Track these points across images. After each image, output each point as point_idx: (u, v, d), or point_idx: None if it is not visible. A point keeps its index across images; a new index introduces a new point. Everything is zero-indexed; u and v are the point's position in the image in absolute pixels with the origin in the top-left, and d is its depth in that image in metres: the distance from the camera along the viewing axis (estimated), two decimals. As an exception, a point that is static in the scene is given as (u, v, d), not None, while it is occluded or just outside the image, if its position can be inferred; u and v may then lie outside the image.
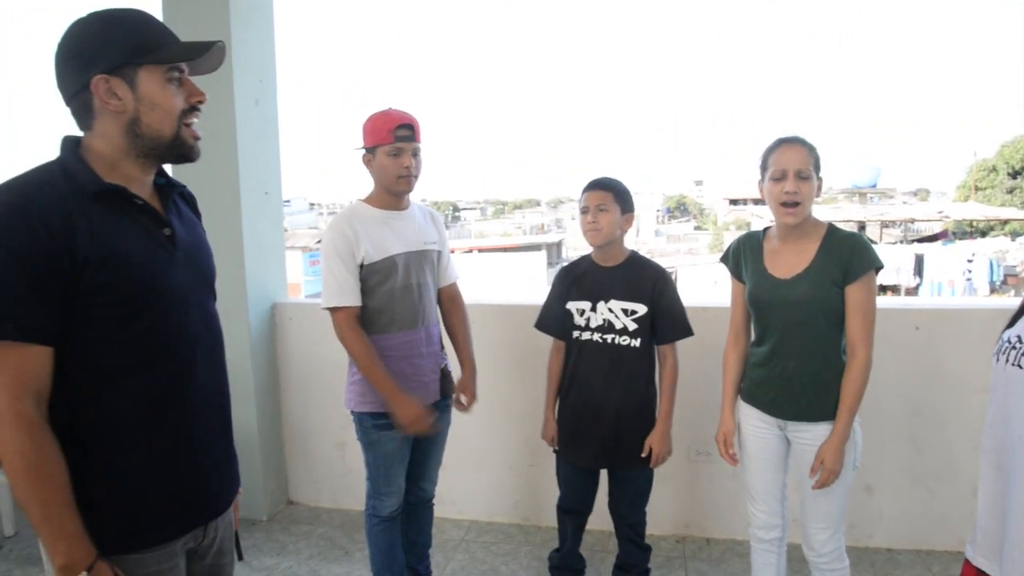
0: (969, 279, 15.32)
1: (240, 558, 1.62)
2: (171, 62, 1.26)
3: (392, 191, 2.32)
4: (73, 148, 1.26)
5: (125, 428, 1.26)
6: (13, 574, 2.98)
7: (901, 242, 20.94)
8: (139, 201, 1.28)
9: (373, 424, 2.34)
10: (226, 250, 3.12)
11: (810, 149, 2.03)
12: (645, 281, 2.40)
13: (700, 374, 3.05)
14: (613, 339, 2.39)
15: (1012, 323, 1.45)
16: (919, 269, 15.80)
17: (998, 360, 1.41)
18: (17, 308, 1.14)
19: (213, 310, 1.44)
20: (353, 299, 2.25)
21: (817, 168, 2.03)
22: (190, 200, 1.51)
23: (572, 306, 2.45)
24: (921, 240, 20.78)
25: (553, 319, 2.52)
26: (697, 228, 52.22)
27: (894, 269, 15.69)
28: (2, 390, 1.13)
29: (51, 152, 1.28)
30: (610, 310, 2.40)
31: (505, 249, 28.00)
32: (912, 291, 15.69)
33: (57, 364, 1.19)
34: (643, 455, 2.39)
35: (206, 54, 1.28)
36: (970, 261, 15.57)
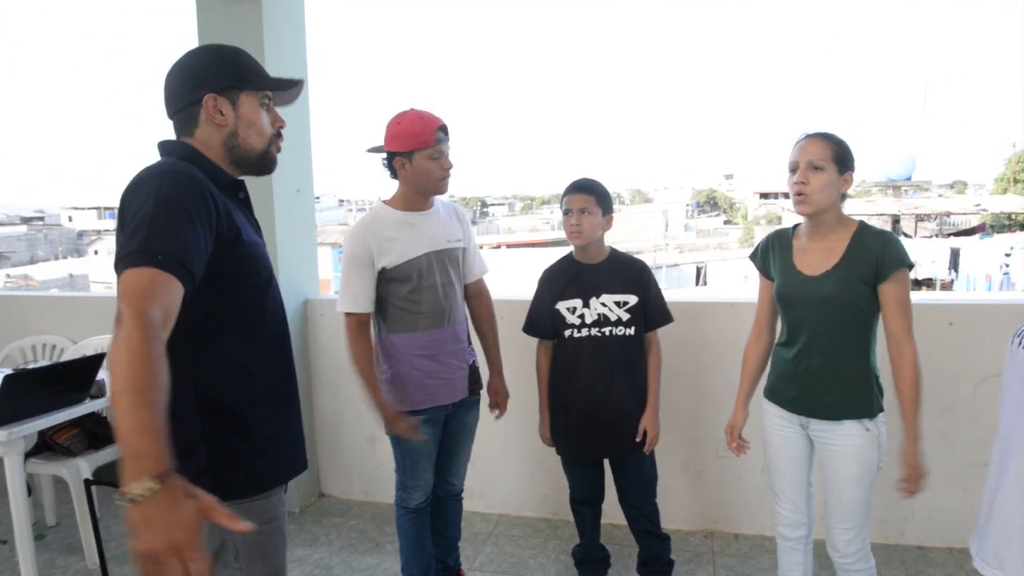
0: (1007, 273, 15.01)
1: None
2: (268, 89, 1.52)
3: (433, 193, 2.35)
4: (188, 146, 1.46)
5: (253, 385, 1.46)
6: (55, 563, 3.07)
7: (936, 236, 20.57)
8: (242, 195, 1.55)
9: None
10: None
11: (832, 143, 2.00)
12: (632, 273, 2.51)
13: (728, 370, 3.04)
14: (610, 331, 2.47)
15: None
16: (955, 263, 15.53)
17: (1012, 344, 1.46)
18: (172, 245, 1.22)
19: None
20: (364, 306, 2.32)
21: (840, 161, 1.99)
22: None
23: (563, 305, 2.50)
24: (957, 234, 20.41)
25: (543, 321, 2.57)
26: (727, 223, 51.70)
27: (929, 262, 15.45)
28: (134, 294, 1.14)
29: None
30: (603, 304, 2.47)
31: (533, 245, 27.99)
32: (947, 285, 15.43)
33: (201, 328, 1.36)
34: (638, 439, 2.48)
35: (292, 89, 1.57)
36: (1008, 255, 15.25)
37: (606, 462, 2.65)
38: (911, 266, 2.01)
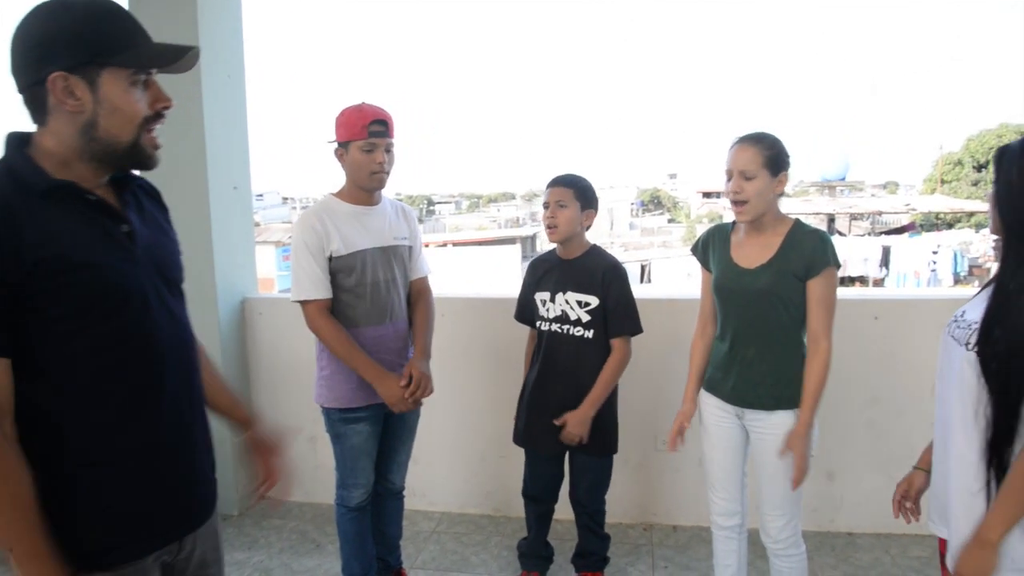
0: (934, 270, 15.64)
1: None
2: (139, 67, 1.17)
3: (364, 187, 2.33)
4: (19, 145, 1.17)
5: (91, 441, 1.18)
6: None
7: (869, 234, 21.26)
8: (92, 197, 1.18)
9: (340, 418, 2.37)
10: (195, 246, 3.10)
11: (762, 148, 2.06)
12: (596, 273, 2.46)
13: (668, 366, 3.11)
14: (568, 330, 2.48)
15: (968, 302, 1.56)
16: (886, 260, 16.09)
17: (944, 334, 1.52)
18: None
19: (179, 309, 1.33)
20: (323, 291, 2.28)
21: (772, 166, 2.05)
22: (152, 193, 1.42)
23: (537, 296, 2.54)
24: (889, 232, 21.14)
25: (524, 309, 2.63)
26: (671, 221, 52.50)
27: (862, 260, 15.95)
28: None
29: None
30: (566, 301, 2.48)
31: (480, 243, 27.98)
32: (879, 282, 15.98)
33: (18, 376, 1.12)
34: (558, 423, 2.45)
35: (182, 59, 1.20)
36: (935, 253, 15.89)
37: (566, 465, 2.66)
38: (839, 266, 2.09)
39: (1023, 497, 1.33)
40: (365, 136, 2.24)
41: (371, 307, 2.34)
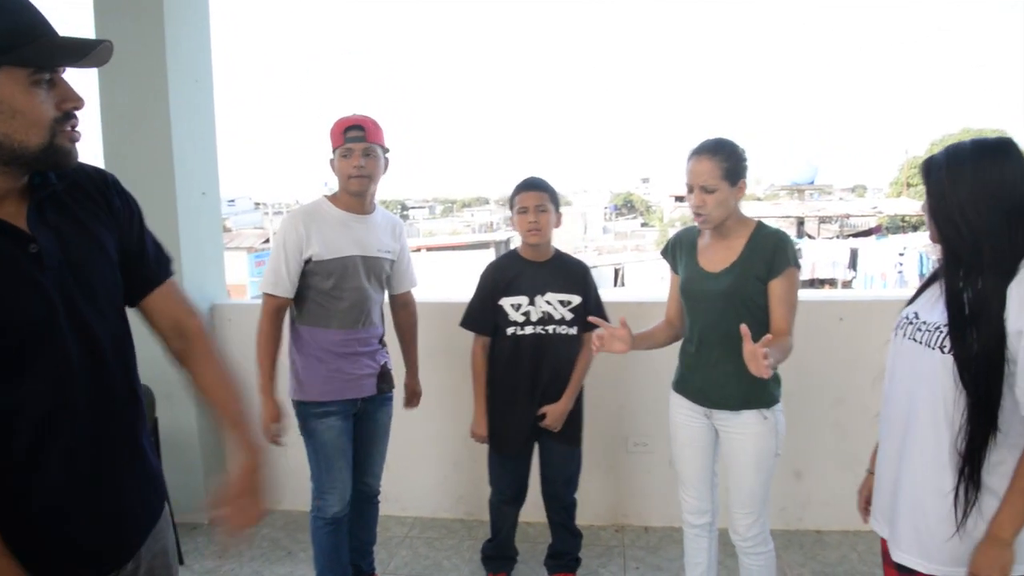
0: (900, 272, 15.92)
1: (180, 562, 1.53)
2: (37, 66, 1.04)
3: (347, 191, 2.38)
4: None
5: (7, 478, 1.07)
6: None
7: (837, 237, 21.61)
8: None
9: (311, 413, 2.40)
10: (162, 251, 3.06)
11: (720, 160, 2.08)
12: (576, 273, 2.57)
13: (636, 369, 3.14)
14: (554, 329, 2.52)
15: (911, 302, 1.58)
16: (854, 263, 16.35)
17: (896, 335, 1.54)
18: None
19: (102, 328, 1.20)
20: (284, 291, 2.34)
21: (731, 176, 2.08)
22: (85, 185, 1.24)
23: (507, 302, 2.53)
24: (856, 235, 21.50)
25: (483, 316, 2.58)
26: (644, 225, 52.77)
27: (830, 263, 16.18)
28: None
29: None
30: (547, 302, 2.50)
31: (454, 247, 27.92)
32: (847, 284, 16.24)
33: None
34: (539, 413, 2.54)
35: (90, 54, 1.07)
36: (901, 255, 16.18)
37: (535, 464, 2.69)
38: (799, 266, 2.14)
39: None
40: (343, 142, 2.33)
41: (346, 312, 2.38)
